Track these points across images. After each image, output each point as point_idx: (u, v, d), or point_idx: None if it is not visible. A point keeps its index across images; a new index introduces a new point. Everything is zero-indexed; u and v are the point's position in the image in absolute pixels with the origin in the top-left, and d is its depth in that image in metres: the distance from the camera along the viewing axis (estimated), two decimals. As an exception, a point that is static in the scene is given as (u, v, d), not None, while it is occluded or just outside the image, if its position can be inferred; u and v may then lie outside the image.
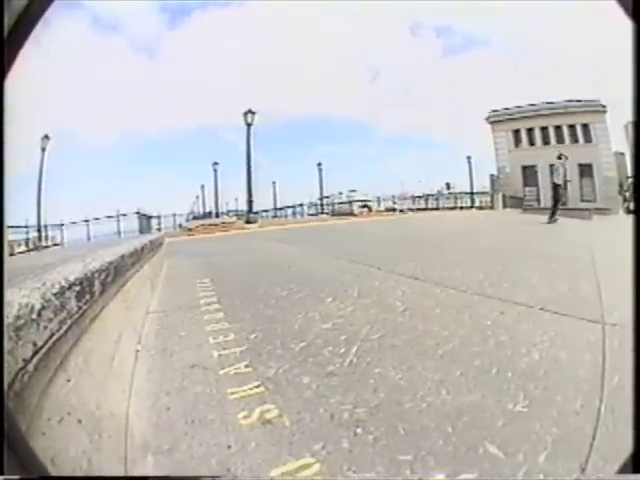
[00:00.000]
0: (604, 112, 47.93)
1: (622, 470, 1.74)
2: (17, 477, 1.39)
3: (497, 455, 2.39)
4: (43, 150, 35.47)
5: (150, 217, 40.27)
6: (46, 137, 35.79)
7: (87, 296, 2.49)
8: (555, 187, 21.31)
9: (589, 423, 2.66)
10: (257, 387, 3.31)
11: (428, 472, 2.29)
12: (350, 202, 52.25)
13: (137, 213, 37.94)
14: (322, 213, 49.33)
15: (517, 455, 2.37)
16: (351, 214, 41.44)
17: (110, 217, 37.58)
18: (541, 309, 4.99)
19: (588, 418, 2.72)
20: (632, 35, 1.57)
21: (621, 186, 45.34)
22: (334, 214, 43.88)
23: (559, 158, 21.81)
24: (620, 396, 2.91)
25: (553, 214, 20.43)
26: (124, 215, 37.68)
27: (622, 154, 46.24)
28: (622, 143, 45.01)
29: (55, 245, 32.32)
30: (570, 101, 49.05)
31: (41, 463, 1.56)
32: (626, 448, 2.22)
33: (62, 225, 35.73)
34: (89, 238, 34.89)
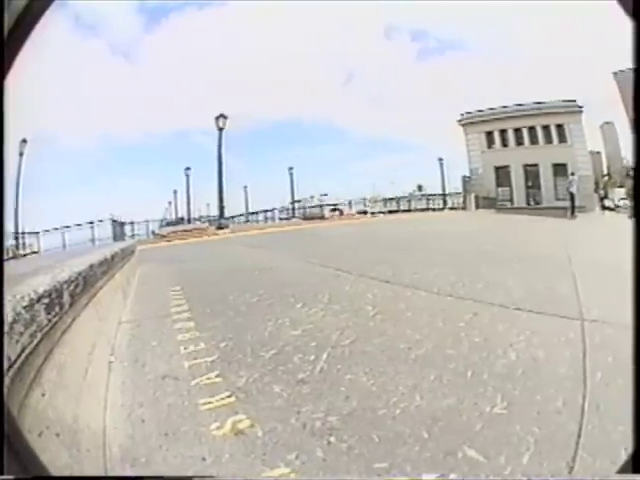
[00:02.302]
0: (580, 112, 48.45)
1: (622, 470, 1.74)
2: (17, 477, 1.39)
3: (477, 459, 2.38)
4: (21, 155, 34.94)
5: (123, 224, 39.97)
6: (24, 141, 35.26)
7: (57, 308, 2.46)
8: (571, 195, 28.75)
9: (573, 421, 2.67)
10: (228, 397, 3.29)
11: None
12: (321, 206, 52.34)
13: (110, 220, 37.59)
14: (293, 217, 49.31)
15: (499, 458, 2.37)
16: (322, 218, 41.54)
17: (85, 224, 37.12)
18: (517, 309, 5.04)
19: (572, 416, 2.73)
20: (632, 35, 1.58)
21: (597, 185, 46.13)
22: (305, 218, 43.86)
23: (572, 174, 32.49)
24: (604, 392, 2.95)
25: (572, 213, 27.13)
26: (100, 221, 37.29)
27: (598, 153, 47.04)
28: (598, 142, 45.96)
29: (33, 253, 31.90)
30: (543, 103, 49.49)
31: (41, 463, 1.55)
32: (615, 444, 2.25)
33: (38, 233, 35.19)
34: (64, 246, 34.47)
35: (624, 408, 2.49)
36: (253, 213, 56.63)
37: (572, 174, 33.11)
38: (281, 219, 49.60)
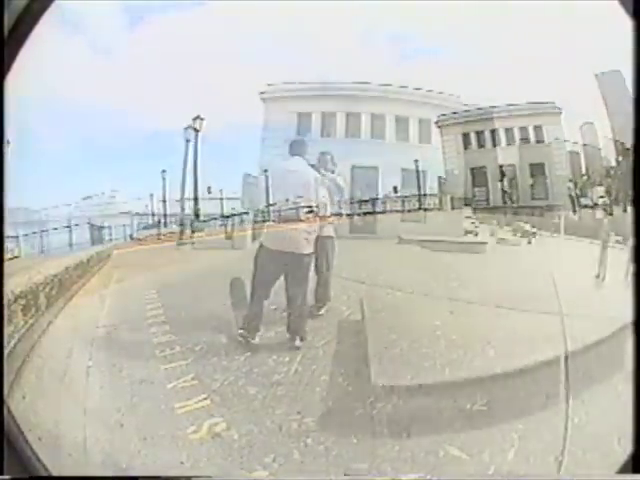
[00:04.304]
0: (559, 114, 48.83)
1: (622, 470, 1.74)
2: (17, 477, 1.39)
3: (460, 457, 2.38)
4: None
5: (101, 227, 39.58)
6: (7, 142, 34.68)
7: (32, 310, 2.44)
8: (571, 198, 29.13)
9: (558, 416, 2.66)
10: (204, 400, 3.27)
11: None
12: (296, 208, 52.25)
13: (88, 224, 37.18)
14: (268, 220, 49.09)
15: (482, 455, 2.36)
16: (297, 220, 41.35)
17: (63, 228, 36.66)
18: (497, 307, 5.04)
19: (556, 411, 2.72)
20: (632, 35, 1.59)
21: (575, 184, 46.63)
22: (280, 221, 43.66)
23: (570, 181, 31.69)
24: (589, 386, 2.96)
25: (575, 212, 27.82)
26: (77, 225, 36.87)
27: (577, 154, 47.61)
28: (577, 143, 46.76)
29: (15, 257, 31.37)
30: (521, 104, 49.88)
31: (41, 463, 1.56)
32: (604, 436, 2.26)
33: (18, 237, 34.62)
34: (42, 251, 34.00)
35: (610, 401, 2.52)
36: (228, 216, 56.42)
37: (570, 180, 36.23)
38: (256, 222, 49.38)
